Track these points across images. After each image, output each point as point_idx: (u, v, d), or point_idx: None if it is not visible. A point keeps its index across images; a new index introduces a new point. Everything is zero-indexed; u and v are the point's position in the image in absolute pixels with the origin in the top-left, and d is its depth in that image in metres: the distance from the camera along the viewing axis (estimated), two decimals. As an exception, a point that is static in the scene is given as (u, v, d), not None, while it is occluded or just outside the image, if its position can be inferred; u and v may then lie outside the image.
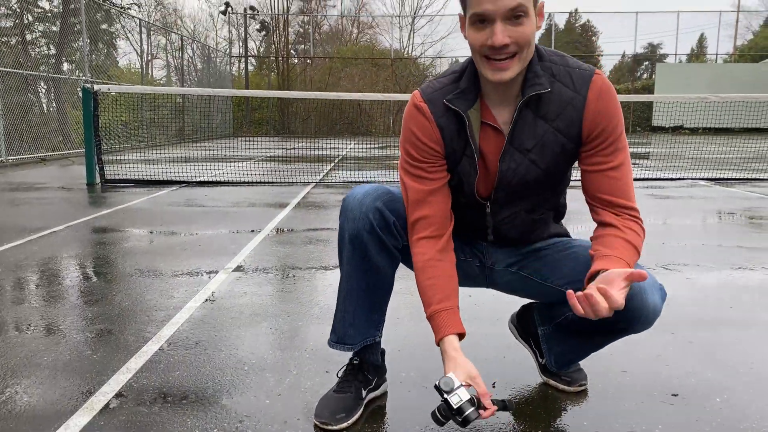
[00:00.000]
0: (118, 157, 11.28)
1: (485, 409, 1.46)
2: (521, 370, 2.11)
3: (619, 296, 1.36)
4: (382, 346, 1.90)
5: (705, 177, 8.55)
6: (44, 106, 16.30)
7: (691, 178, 8.49)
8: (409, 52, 34.62)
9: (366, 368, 1.83)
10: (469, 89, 1.61)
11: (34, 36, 16.49)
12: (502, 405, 1.51)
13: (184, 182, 7.79)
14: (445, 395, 1.46)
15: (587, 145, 1.61)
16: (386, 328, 1.88)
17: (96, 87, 7.53)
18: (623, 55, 39.54)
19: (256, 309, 2.79)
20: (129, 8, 21.89)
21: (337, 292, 1.78)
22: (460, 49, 32.58)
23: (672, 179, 8.48)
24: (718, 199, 6.62)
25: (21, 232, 4.55)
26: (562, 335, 1.86)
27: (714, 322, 2.65)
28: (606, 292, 1.35)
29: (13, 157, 10.89)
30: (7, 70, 11.42)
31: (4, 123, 10.74)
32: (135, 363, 2.17)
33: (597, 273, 1.46)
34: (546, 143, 1.60)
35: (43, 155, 11.88)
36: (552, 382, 1.97)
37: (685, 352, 2.29)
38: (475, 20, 1.47)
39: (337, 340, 1.79)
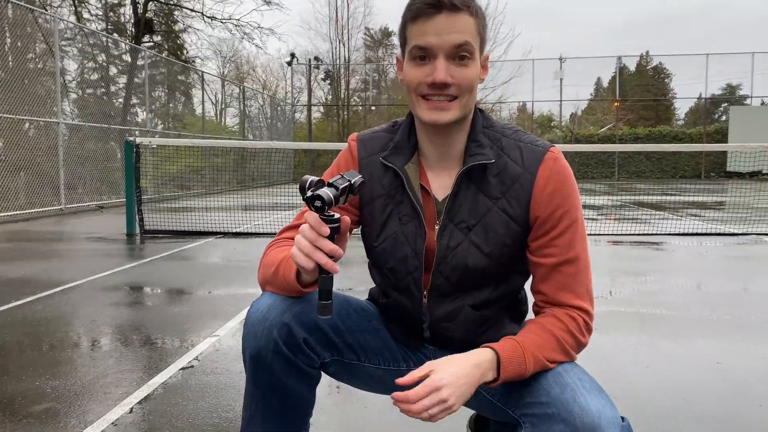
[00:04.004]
0: (173, 205, 11.53)
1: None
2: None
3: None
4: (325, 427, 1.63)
5: (772, 232, 7.88)
6: (117, 153, 17.08)
7: (756, 234, 7.84)
8: (472, 97, 34.62)
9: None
10: (403, 143, 1.44)
11: (117, 87, 17.44)
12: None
13: (219, 233, 7.80)
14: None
15: (536, 231, 1.36)
16: (331, 405, 1.63)
17: (138, 140, 7.70)
18: (699, 97, 38.08)
19: (219, 389, 2.60)
20: (203, 61, 22.86)
21: (242, 410, 1.47)
22: (522, 94, 32.33)
23: (734, 234, 7.86)
24: (780, 259, 6.03)
25: (46, 285, 4.57)
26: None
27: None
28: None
29: (70, 206, 11.29)
30: (96, 125, 12.73)
31: (65, 172, 11.18)
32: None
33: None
34: (489, 224, 1.37)
35: (101, 203, 12.29)
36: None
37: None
38: (416, 55, 1.32)
39: None
